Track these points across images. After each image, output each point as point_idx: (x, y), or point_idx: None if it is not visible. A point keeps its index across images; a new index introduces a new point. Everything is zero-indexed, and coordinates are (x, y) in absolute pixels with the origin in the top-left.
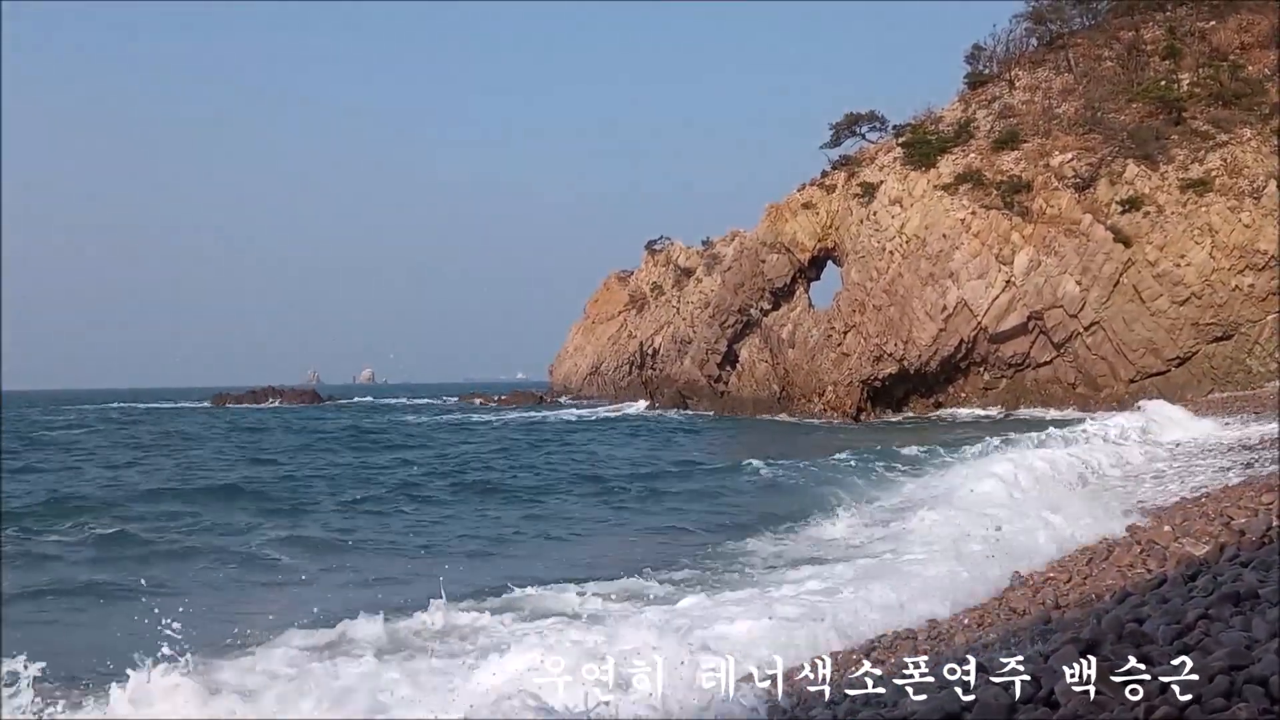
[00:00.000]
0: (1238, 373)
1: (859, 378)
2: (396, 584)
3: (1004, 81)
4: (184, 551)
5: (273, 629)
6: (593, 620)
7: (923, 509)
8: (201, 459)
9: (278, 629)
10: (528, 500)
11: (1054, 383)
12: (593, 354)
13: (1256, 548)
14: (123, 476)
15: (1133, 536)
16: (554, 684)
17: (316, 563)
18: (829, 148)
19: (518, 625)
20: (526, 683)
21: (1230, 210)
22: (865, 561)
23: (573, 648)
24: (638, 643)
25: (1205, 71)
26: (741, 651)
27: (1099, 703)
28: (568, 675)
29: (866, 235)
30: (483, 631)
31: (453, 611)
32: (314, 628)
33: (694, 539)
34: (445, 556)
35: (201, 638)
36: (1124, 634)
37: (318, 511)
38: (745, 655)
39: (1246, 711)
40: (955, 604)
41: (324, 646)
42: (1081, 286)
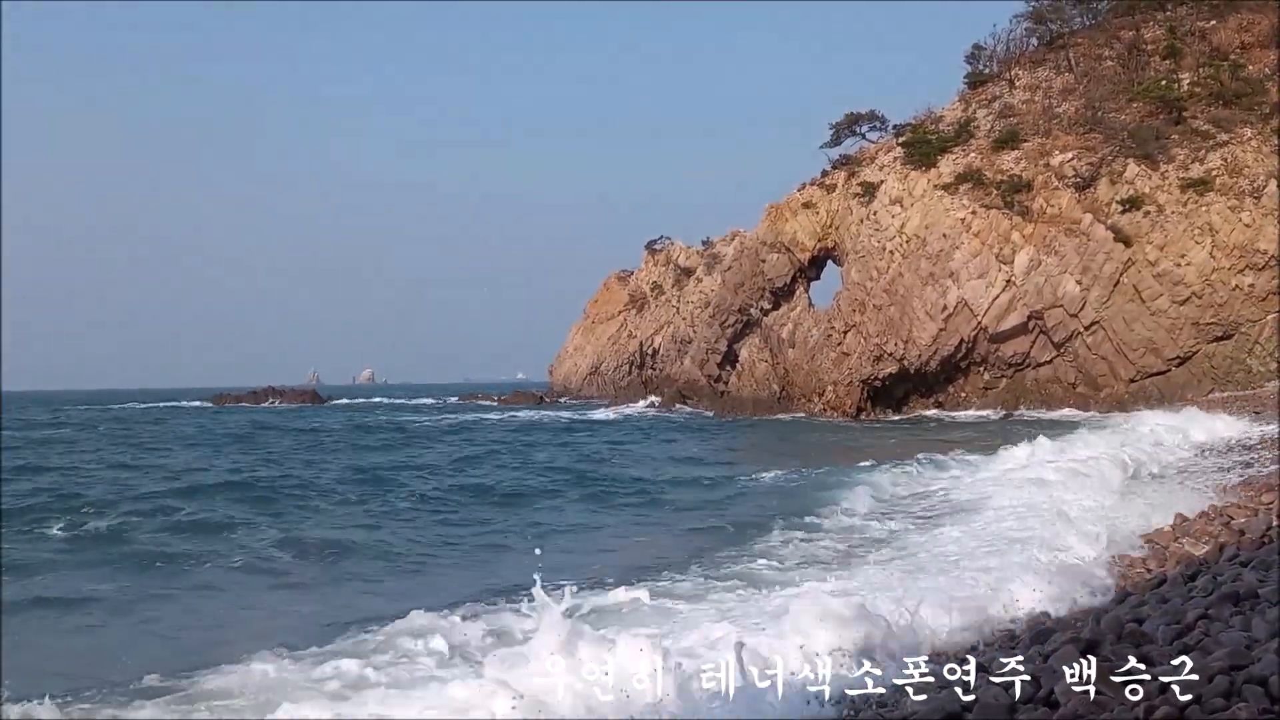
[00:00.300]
0: (1238, 372)
1: (859, 377)
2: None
3: (1004, 81)
4: (174, 556)
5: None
6: (665, 615)
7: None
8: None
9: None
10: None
11: (1054, 382)
12: (593, 354)
13: (1256, 548)
14: (120, 477)
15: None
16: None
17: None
18: (829, 147)
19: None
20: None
21: (1231, 210)
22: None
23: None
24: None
25: (1206, 71)
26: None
27: (1099, 703)
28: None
29: (867, 235)
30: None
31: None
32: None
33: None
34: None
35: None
36: (1124, 634)
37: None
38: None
39: (1246, 711)
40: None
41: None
42: (1082, 286)
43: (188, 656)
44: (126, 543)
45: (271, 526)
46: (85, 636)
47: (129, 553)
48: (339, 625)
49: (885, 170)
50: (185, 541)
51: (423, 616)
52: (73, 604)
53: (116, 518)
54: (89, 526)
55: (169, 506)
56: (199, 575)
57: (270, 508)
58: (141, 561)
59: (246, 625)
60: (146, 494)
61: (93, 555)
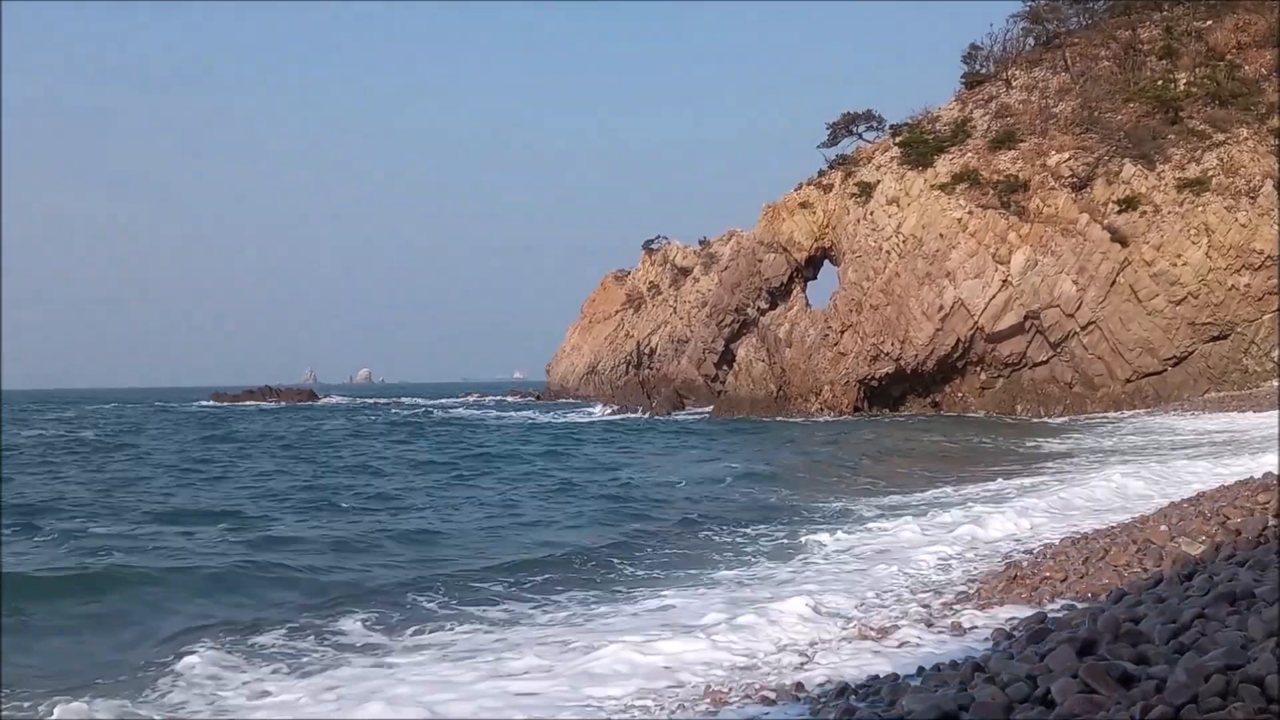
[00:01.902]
0: (1234, 372)
1: (856, 377)
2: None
3: (1001, 81)
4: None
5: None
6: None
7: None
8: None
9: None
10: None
11: (1050, 382)
12: (590, 353)
13: (1252, 547)
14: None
15: (1129, 536)
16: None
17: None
18: (826, 147)
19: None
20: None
21: (1227, 210)
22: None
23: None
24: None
25: (1202, 71)
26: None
27: (1095, 702)
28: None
29: (863, 235)
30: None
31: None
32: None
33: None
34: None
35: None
36: (1120, 633)
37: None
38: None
39: (1243, 711)
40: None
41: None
42: (1078, 286)
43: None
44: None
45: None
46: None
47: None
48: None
49: (882, 170)
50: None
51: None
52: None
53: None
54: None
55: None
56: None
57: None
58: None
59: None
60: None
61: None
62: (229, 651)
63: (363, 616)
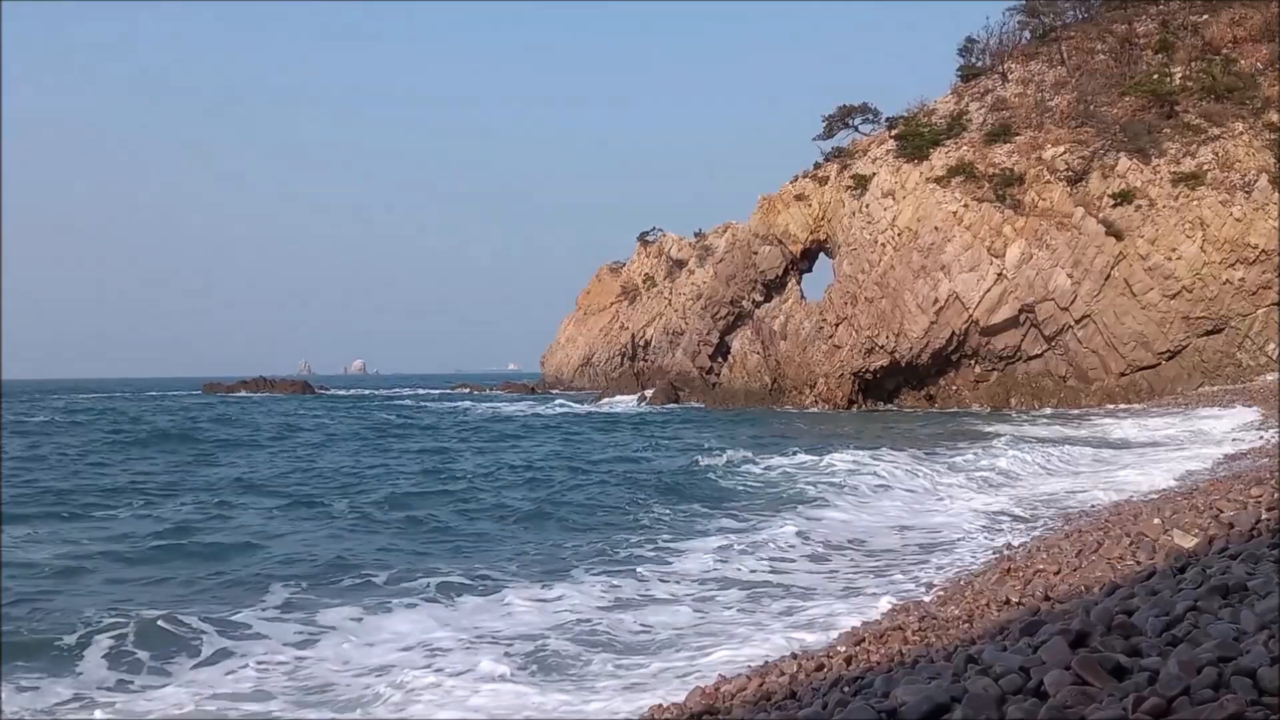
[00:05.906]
0: (1228, 366)
1: (850, 370)
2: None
3: (997, 74)
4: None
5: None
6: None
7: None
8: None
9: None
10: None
11: (1045, 376)
12: (584, 345)
13: (1245, 540)
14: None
15: (1122, 529)
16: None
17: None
18: (822, 139)
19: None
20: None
21: (1222, 204)
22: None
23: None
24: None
25: (1198, 65)
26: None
27: (1088, 694)
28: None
29: (858, 227)
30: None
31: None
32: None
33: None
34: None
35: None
36: (1113, 625)
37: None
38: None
39: (1234, 703)
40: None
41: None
42: (1073, 279)
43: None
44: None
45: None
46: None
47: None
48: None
49: (878, 163)
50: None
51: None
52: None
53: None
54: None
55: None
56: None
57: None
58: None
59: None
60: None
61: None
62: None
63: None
